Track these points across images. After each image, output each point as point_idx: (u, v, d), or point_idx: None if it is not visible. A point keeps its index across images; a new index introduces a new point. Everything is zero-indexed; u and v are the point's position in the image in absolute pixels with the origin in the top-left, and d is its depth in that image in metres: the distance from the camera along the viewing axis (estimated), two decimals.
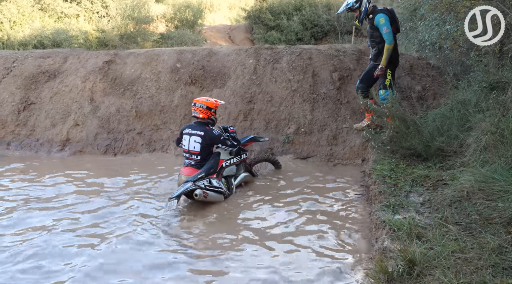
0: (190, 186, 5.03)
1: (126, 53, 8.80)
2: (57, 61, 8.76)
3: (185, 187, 5.02)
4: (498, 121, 4.48)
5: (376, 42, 6.14)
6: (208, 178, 5.27)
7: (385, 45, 5.94)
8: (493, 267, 2.85)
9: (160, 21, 18.53)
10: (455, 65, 7.13)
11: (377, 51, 6.14)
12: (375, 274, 3.07)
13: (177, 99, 7.86)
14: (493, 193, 3.81)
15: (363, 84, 6.34)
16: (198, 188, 5.04)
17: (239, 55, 8.07)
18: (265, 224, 4.72)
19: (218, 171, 5.52)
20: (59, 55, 8.94)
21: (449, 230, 3.43)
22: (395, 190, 4.46)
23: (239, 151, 5.88)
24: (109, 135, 7.74)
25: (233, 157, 5.78)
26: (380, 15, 5.94)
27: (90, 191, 5.77)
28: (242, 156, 5.93)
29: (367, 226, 4.43)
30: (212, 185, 5.22)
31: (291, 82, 7.44)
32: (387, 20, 5.91)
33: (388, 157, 5.44)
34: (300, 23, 18.07)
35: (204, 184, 5.15)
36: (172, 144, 7.50)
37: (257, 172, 6.33)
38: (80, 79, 8.30)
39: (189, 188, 5.01)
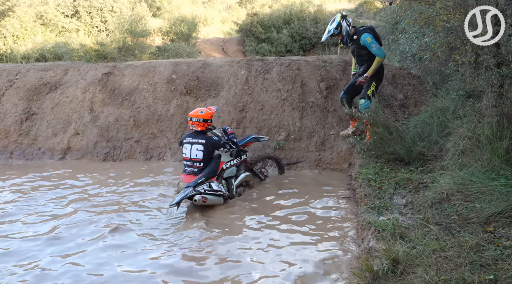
0: (190, 192, 5.02)
1: (124, 65, 8.79)
2: (58, 73, 8.72)
3: (185, 193, 5.01)
4: (474, 127, 4.53)
5: (365, 60, 6.14)
6: (208, 182, 5.27)
7: (376, 58, 5.95)
8: (471, 264, 2.88)
9: (156, 34, 18.59)
10: (434, 75, 7.23)
11: (366, 68, 6.12)
12: (361, 273, 3.08)
13: (173, 108, 7.86)
14: (470, 195, 3.85)
15: (346, 94, 6.39)
16: (197, 193, 5.04)
17: (232, 67, 8.11)
18: (253, 225, 4.72)
19: (219, 174, 5.53)
20: (60, 67, 8.90)
21: (430, 230, 3.46)
22: (379, 193, 4.48)
23: (239, 152, 5.84)
24: (108, 143, 7.71)
25: (233, 158, 5.76)
26: (365, 34, 5.96)
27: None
28: (242, 157, 5.90)
29: (353, 227, 4.45)
30: (212, 189, 5.21)
31: (281, 91, 7.48)
32: (372, 37, 5.95)
33: (373, 162, 5.48)
34: (289, 36, 18.21)
35: (204, 188, 5.14)
36: (169, 151, 7.49)
37: (264, 175, 6.32)
38: (80, 90, 8.27)
39: (189, 194, 5.01)
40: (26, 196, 5.74)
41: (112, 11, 17.35)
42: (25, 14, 14.99)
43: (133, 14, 16.26)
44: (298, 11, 19.15)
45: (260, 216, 4.97)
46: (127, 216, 4.95)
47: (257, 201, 5.49)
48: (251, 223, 4.77)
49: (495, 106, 4.36)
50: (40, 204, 5.44)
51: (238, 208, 5.26)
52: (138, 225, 4.74)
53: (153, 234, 4.53)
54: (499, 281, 2.66)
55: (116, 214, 5.02)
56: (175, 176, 6.45)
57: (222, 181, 5.57)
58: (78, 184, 6.24)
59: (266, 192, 5.78)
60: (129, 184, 6.21)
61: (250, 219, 4.87)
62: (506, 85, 4.37)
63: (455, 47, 5.47)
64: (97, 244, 4.25)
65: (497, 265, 2.85)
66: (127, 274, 3.70)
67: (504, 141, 4.22)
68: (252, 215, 4.99)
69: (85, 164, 7.36)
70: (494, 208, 3.52)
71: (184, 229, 4.66)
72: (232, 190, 5.64)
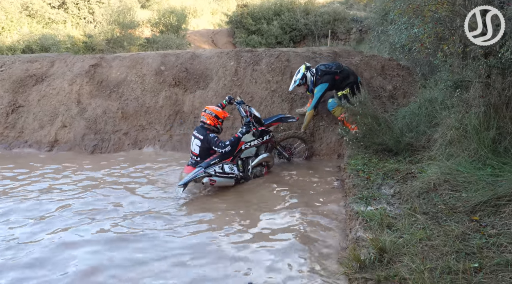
0: (199, 174, 5.27)
1: (111, 56, 8.67)
2: (44, 65, 8.59)
3: (194, 175, 5.26)
4: (462, 117, 4.56)
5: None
6: (222, 163, 5.48)
7: (307, 111, 6.41)
8: (457, 253, 2.90)
9: (145, 26, 18.38)
10: (423, 66, 7.24)
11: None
12: (348, 262, 3.10)
13: (161, 100, 7.79)
14: (457, 184, 3.89)
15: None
16: (206, 175, 5.28)
17: (221, 58, 8.05)
18: (245, 216, 4.71)
19: (236, 154, 5.69)
20: (46, 59, 8.76)
21: (417, 219, 3.48)
22: (368, 183, 4.50)
23: (262, 133, 5.90)
24: (96, 135, 7.63)
25: (254, 139, 5.83)
26: (318, 87, 6.29)
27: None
28: (264, 138, 5.94)
29: (342, 217, 4.46)
30: (223, 172, 5.41)
31: (270, 83, 7.45)
32: (321, 91, 6.26)
33: (361, 153, 5.50)
34: (280, 27, 18.14)
35: (216, 170, 5.36)
36: (158, 143, 7.43)
37: (290, 154, 6.44)
38: (67, 82, 8.15)
39: (198, 176, 5.27)
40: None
41: (100, 2, 17.08)
42: (10, 5, 14.69)
43: (121, 5, 16.03)
44: (289, 3, 19.07)
45: (247, 204, 5.01)
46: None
47: (242, 191, 5.53)
48: (240, 210, 4.81)
49: (482, 96, 4.38)
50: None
51: (220, 201, 5.27)
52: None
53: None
54: (483, 269, 2.69)
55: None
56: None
57: (238, 162, 5.71)
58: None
59: (259, 180, 5.83)
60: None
61: (238, 207, 4.89)
62: (493, 76, 4.38)
63: (444, 37, 5.47)
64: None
65: (482, 253, 2.88)
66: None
67: (490, 131, 4.26)
68: (239, 204, 5.02)
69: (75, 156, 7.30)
70: (480, 197, 3.55)
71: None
72: (248, 171, 5.74)
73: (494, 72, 4.34)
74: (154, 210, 4.90)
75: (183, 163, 6.69)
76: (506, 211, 3.35)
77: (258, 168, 5.87)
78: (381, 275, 2.81)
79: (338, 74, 6.27)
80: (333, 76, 6.25)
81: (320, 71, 6.34)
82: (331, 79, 6.25)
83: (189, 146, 7.14)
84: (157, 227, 4.42)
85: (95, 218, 4.66)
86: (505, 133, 4.24)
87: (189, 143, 7.18)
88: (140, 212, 4.82)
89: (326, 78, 6.27)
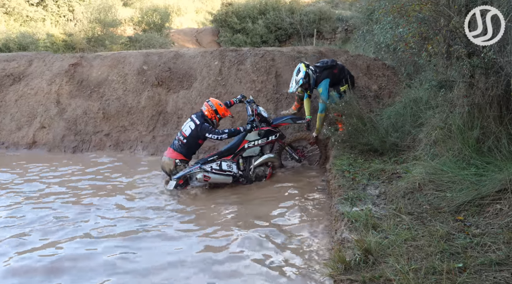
0: (194, 169, 5.37)
1: (92, 55, 8.57)
2: (21, 64, 8.44)
3: (189, 169, 5.38)
4: (446, 117, 4.62)
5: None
6: (221, 160, 5.53)
7: (318, 113, 6.00)
8: (441, 253, 2.93)
9: (128, 24, 18.22)
10: (408, 66, 7.32)
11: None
12: (333, 264, 3.10)
13: (144, 100, 7.72)
14: (442, 184, 3.93)
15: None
16: (200, 171, 5.38)
17: (205, 57, 8.02)
18: (228, 216, 4.72)
19: (237, 152, 5.68)
20: (23, 58, 8.61)
21: (402, 220, 3.51)
22: (353, 184, 4.52)
23: (267, 133, 5.85)
24: (76, 136, 7.52)
25: (259, 138, 5.79)
26: (321, 84, 5.98)
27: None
28: (270, 138, 5.88)
29: (327, 218, 4.48)
30: (220, 169, 5.47)
31: (255, 82, 7.45)
32: (326, 88, 5.96)
33: (347, 153, 5.53)
34: (265, 26, 18.17)
35: (212, 167, 5.43)
36: (140, 145, 7.36)
37: (303, 157, 6.31)
38: (46, 82, 8.02)
39: (192, 171, 5.36)
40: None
41: (80, 0, 16.87)
42: None
43: (102, 3, 15.85)
44: (274, 1, 19.13)
45: (233, 206, 5.00)
46: None
47: (227, 192, 5.54)
48: (228, 213, 4.80)
49: (466, 96, 4.44)
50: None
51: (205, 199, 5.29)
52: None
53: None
54: (468, 269, 2.72)
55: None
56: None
57: (240, 160, 5.69)
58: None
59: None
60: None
61: (226, 209, 4.87)
62: (476, 75, 4.45)
63: (428, 37, 5.54)
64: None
65: (467, 253, 2.91)
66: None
67: (474, 130, 4.31)
68: (227, 206, 5.01)
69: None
70: (465, 197, 3.59)
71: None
72: (249, 170, 5.71)
73: (478, 72, 4.40)
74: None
75: None
76: (490, 210, 3.40)
77: (261, 168, 5.84)
78: (366, 277, 2.82)
79: (335, 67, 6.13)
80: (331, 70, 6.10)
81: (318, 68, 6.16)
82: (331, 74, 6.07)
83: None
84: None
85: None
86: (488, 133, 4.30)
87: None
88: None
89: (326, 74, 6.06)
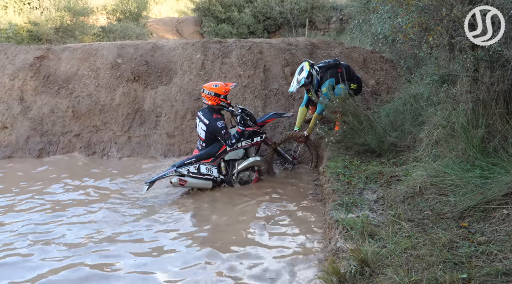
0: (168, 173, 5.43)
1: (60, 48, 8.47)
2: None
3: (163, 173, 5.48)
4: (449, 114, 4.66)
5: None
6: (199, 163, 5.57)
7: (314, 113, 6.12)
8: (444, 263, 2.95)
9: (100, 13, 18.07)
10: (408, 59, 7.39)
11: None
12: (327, 276, 3.11)
13: (118, 97, 7.65)
14: (444, 188, 3.96)
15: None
16: (176, 175, 5.43)
17: (186, 50, 7.98)
18: (219, 222, 4.73)
19: (218, 155, 5.73)
20: None
21: (401, 227, 3.53)
22: (348, 188, 4.54)
23: (251, 134, 5.91)
24: (42, 138, 7.42)
25: (242, 139, 5.84)
26: (325, 83, 5.97)
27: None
28: (255, 139, 5.94)
29: (321, 226, 4.48)
30: (198, 172, 5.52)
31: (241, 77, 7.43)
32: (328, 89, 5.94)
33: (342, 154, 5.55)
34: (252, 16, 18.14)
35: (189, 170, 5.48)
36: (114, 146, 7.29)
37: (294, 158, 6.36)
38: (7, 77, 7.90)
39: (167, 175, 5.41)
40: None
41: None
42: None
43: None
44: None
45: (222, 213, 5.00)
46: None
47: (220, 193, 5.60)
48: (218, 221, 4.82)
49: (470, 91, 4.49)
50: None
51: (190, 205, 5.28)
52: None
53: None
54: (472, 280, 2.74)
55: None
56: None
57: (221, 164, 5.75)
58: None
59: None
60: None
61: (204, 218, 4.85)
62: (481, 69, 4.49)
63: (429, 28, 5.58)
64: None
65: (471, 262, 2.94)
66: None
67: (479, 129, 4.36)
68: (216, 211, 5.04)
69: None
70: (469, 202, 3.63)
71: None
72: (233, 175, 5.76)
73: (482, 66, 4.45)
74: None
75: (145, 168, 6.61)
76: (496, 216, 3.44)
77: (246, 173, 5.85)
78: None
79: (339, 66, 6.13)
80: (335, 70, 6.09)
81: (321, 68, 6.17)
82: (335, 73, 6.06)
83: (150, 148, 7.06)
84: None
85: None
86: (494, 132, 4.35)
87: (150, 145, 7.11)
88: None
89: (330, 73, 6.06)
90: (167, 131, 7.27)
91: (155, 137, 7.29)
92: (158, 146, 7.20)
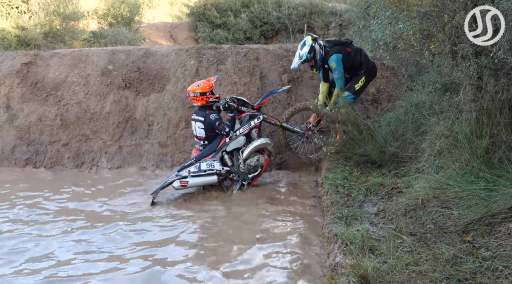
0: (170, 179, 5.71)
1: (49, 53, 8.48)
2: None
3: (165, 182, 5.74)
4: (452, 124, 4.67)
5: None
6: (199, 162, 5.75)
7: (335, 89, 6.02)
8: (447, 279, 2.94)
9: (91, 17, 18.12)
10: (409, 66, 7.41)
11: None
12: None
13: (109, 105, 7.64)
14: (448, 200, 3.96)
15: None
16: (177, 179, 5.65)
17: (179, 56, 8.00)
18: (211, 239, 4.68)
19: (219, 149, 5.88)
20: None
21: (403, 241, 3.52)
22: (348, 200, 4.53)
23: (248, 119, 5.97)
24: (29, 147, 7.40)
25: (239, 127, 5.94)
26: (332, 58, 5.89)
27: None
28: (252, 123, 5.97)
29: (319, 240, 4.46)
30: (199, 170, 5.68)
31: (237, 84, 7.45)
32: (339, 62, 5.88)
33: (341, 165, 5.54)
34: (249, 21, 18.20)
35: (190, 171, 5.65)
36: (104, 156, 7.27)
37: (308, 132, 6.40)
38: None
39: (168, 181, 5.71)
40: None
41: None
42: None
43: None
44: None
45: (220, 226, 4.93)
46: None
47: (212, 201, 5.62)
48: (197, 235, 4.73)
49: (474, 100, 4.51)
50: None
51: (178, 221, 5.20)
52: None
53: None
54: None
55: None
56: None
57: (225, 156, 5.90)
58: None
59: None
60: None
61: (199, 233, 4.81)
62: (485, 77, 4.52)
63: (431, 34, 5.62)
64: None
65: (476, 279, 2.92)
66: None
67: (483, 139, 4.37)
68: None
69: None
70: (473, 215, 3.62)
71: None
72: (238, 166, 5.84)
73: (486, 74, 4.48)
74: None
75: (135, 179, 6.59)
76: (502, 230, 3.43)
77: (253, 158, 5.88)
78: None
79: (349, 45, 6.05)
80: (345, 47, 5.98)
81: (328, 43, 6.06)
82: (343, 49, 5.94)
83: (142, 158, 7.05)
84: None
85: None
86: (499, 142, 4.37)
87: (142, 155, 7.10)
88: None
89: (337, 48, 5.93)
90: (159, 141, 7.26)
91: (147, 146, 7.28)
92: (150, 156, 7.19)
